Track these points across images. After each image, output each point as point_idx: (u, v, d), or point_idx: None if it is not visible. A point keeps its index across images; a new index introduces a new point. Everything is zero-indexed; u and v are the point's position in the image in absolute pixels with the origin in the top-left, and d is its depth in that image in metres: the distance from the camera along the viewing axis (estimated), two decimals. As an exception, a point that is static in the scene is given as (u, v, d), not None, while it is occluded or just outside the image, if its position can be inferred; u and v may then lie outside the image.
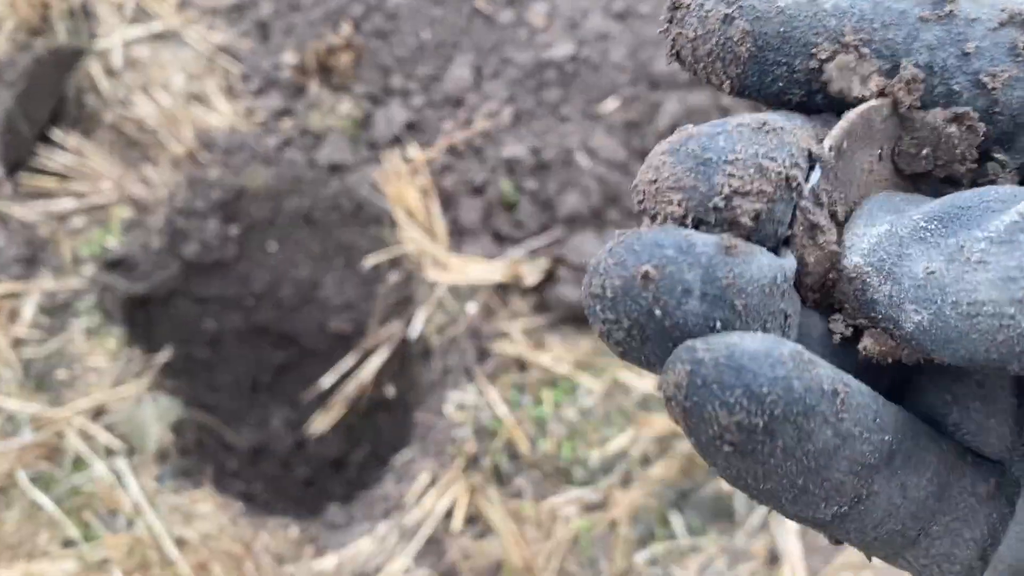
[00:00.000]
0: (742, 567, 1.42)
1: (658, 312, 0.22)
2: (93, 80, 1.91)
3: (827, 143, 0.25)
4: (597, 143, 1.71)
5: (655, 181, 0.24)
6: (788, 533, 1.42)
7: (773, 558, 1.41)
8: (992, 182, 0.27)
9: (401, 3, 1.96)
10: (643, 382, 1.57)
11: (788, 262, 0.24)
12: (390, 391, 1.77)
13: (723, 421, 0.22)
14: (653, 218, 0.24)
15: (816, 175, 0.25)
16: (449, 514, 1.48)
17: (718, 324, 0.23)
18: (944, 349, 0.23)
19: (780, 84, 0.26)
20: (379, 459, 1.70)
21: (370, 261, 1.76)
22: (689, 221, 0.24)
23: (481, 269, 1.65)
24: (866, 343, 0.25)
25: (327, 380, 1.77)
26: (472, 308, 1.64)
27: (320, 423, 1.77)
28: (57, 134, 1.83)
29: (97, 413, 1.58)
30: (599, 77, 1.78)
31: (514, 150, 1.72)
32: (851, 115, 0.26)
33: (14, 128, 1.76)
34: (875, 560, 0.27)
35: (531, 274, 1.64)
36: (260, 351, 1.85)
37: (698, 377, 0.22)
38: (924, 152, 0.27)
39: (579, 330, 1.64)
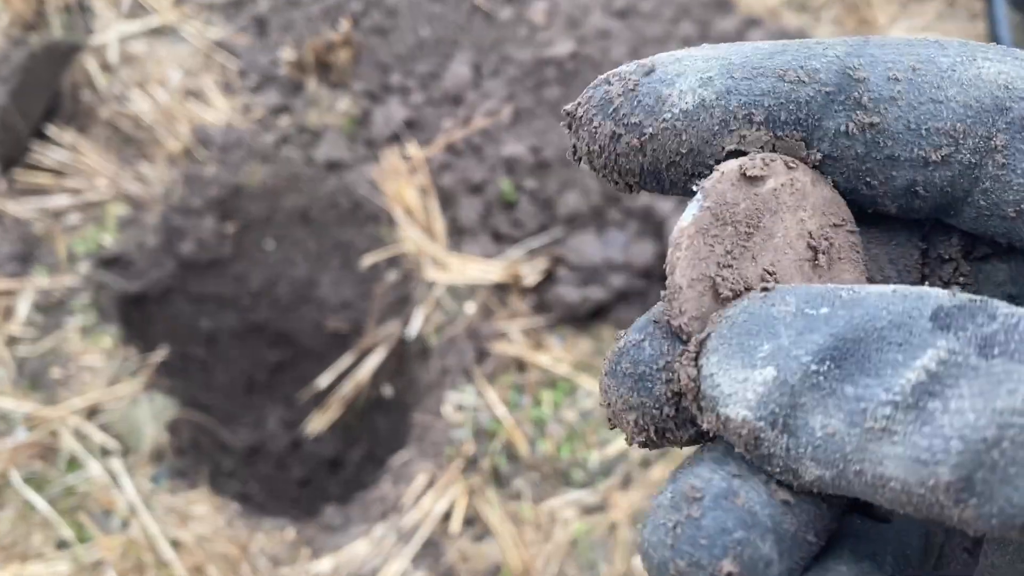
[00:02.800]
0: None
1: None
2: (89, 76, 1.89)
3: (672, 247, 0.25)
4: (597, 142, 1.69)
5: (609, 405, 0.26)
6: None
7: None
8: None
9: (400, 0, 1.94)
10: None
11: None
12: (387, 391, 1.76)
13: None
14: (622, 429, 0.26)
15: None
16: (447, 516, 1.47)
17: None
18: (849, 495, 0.22)
19: (681, 184, 0.26)
20: (376, 460, 1.69)
21: (368, 260, 1.74)
22: (652, 434, 0.25)
23: (480, 269, 1.64)
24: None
25: (324, 380, 1.76)
26: (471, 308, 1.63)
27: (317, 423, 1.76)
28: (52, 130, 1.82)
29: (92, 412, 1.56)
30: (600, 75, 1.77)
31: (514, 149, 1.71)
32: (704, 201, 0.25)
33: (9, 124, 1.74)
34: None
35: (530, 274, 1.62)
36: (256, 350, 1.84)
37: None
38: None
39: (578, 331, 1.62)
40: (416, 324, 1.65)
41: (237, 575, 1.42)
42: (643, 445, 0.26)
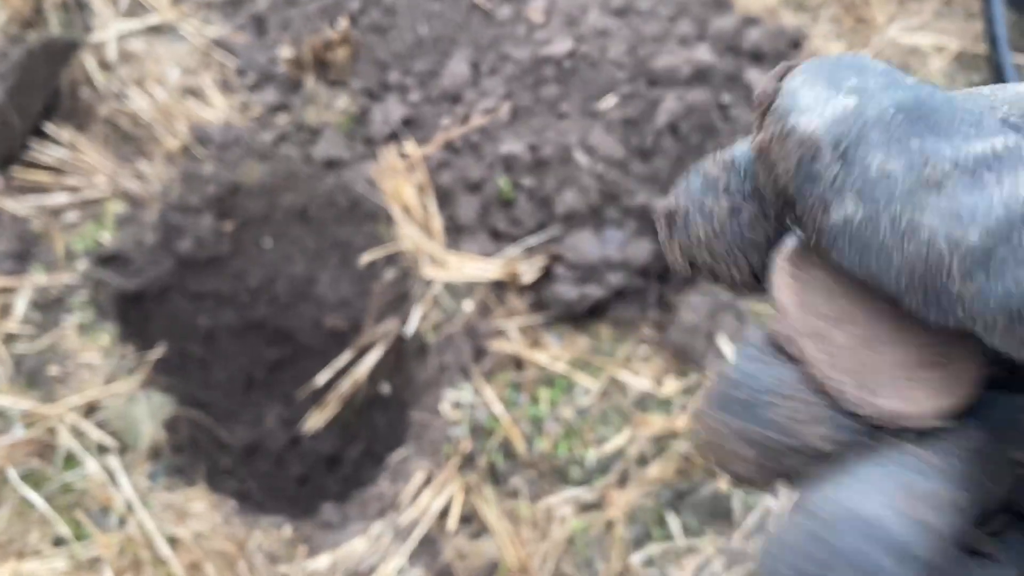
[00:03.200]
0: (739, 568, 1.41)
1: None
2: (87, 73, 1.89)
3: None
4: (595, 140, 1.69)
5: (712, 442, 0.24)
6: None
7: (770, 559, 1.40)
8: None
9: (398, -2, 1.94)
10: (640, 381, 1.56)
11: None
12: (385, 389, 1.76)
13: None
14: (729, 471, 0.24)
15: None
16: (444, 513, 1.47)
17: None
18: (854, 256, 0.22)
19: None
20: (374, 457, 1.69)
21: (366, 258, 1.74)
22: (769, 473, 0.24)
23: (478, 266, 1.64)
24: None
25: (322, 377, 1.76)
26: (468, 306, 1.63)
27: (315, 421, 1.76)
28: (50, 128, 1.81)
29: (89, 410, 1.56)
30: (597, 74, 1.77)
31: (512, 147, 1.70)
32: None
33: (6, 121, 1.74)
34: None
35: (528, 272, 1.62)
36: (254, 348, 1.83)
37: None
38: None
39: (576, 328, 1.62)
40: (414, 322, 1.65)
41: (234, 572, 1.42)
42: (757, 486, 0.24)
